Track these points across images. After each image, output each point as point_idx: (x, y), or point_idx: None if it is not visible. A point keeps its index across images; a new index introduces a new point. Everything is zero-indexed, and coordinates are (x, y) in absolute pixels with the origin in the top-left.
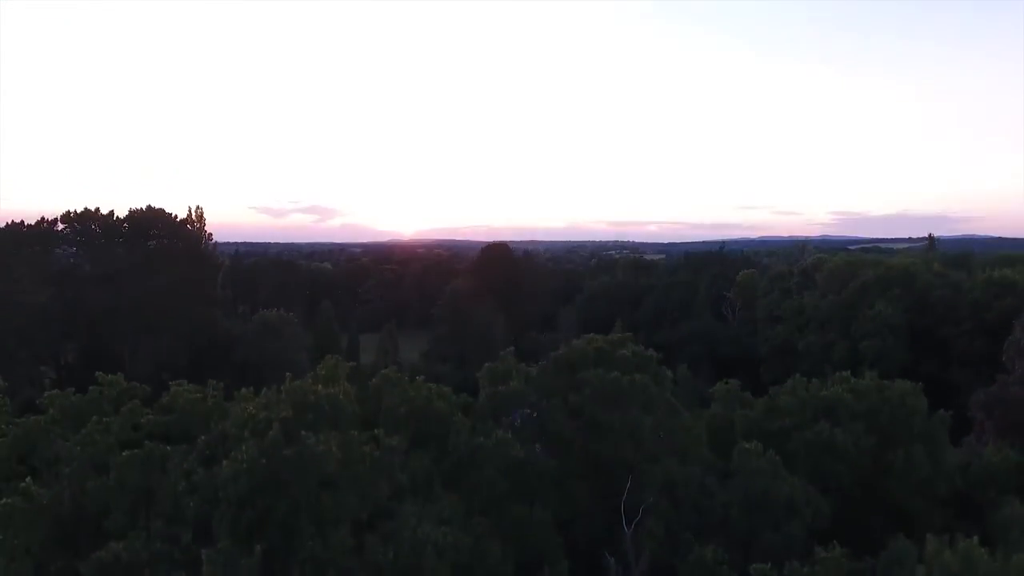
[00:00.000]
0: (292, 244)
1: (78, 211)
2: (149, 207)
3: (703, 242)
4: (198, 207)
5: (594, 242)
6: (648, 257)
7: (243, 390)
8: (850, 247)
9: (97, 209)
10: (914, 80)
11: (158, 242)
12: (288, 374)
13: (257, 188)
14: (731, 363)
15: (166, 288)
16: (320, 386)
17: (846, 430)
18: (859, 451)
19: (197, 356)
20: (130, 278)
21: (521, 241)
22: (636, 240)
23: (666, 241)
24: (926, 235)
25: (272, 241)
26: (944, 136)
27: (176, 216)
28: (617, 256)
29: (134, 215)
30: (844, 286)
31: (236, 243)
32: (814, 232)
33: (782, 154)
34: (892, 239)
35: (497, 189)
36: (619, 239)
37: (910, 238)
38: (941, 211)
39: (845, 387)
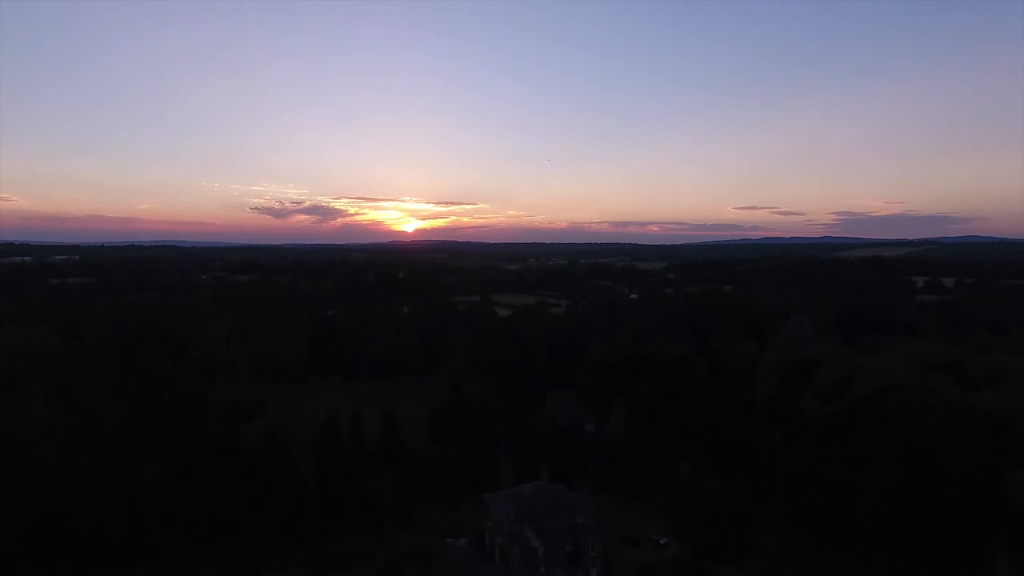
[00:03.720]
0: (294, 245)
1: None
2: (159, 323)
3: (705, 243)
4: (206, 315)
5: (595, 244)
6: (647, 267)
7: None
8: (851, 250)
9: (105, 327)
10: (917, 81)
11: (166, 359)
12: None
13: (260, 189)
14: (731, 453)
15: (173, 403)
16: None
17: None
18: None
19: (204, 464)
20: (138, 395)
21: (523, 243)
22: (638, 243)
23: (668, 243)
24: (927, 236)
25: (274, 244)
26: (947, 137)
27: (183, 328)
28: (618, 263)
29: (143, 335)
30: (841, 393)
31: (240, 246)
32: (816, 233)
33: (784, 155)
34: (894, 240)
35: (498, 190)
36: (620, 241)
37: (912, 240)
38: (943, 212)
39: None
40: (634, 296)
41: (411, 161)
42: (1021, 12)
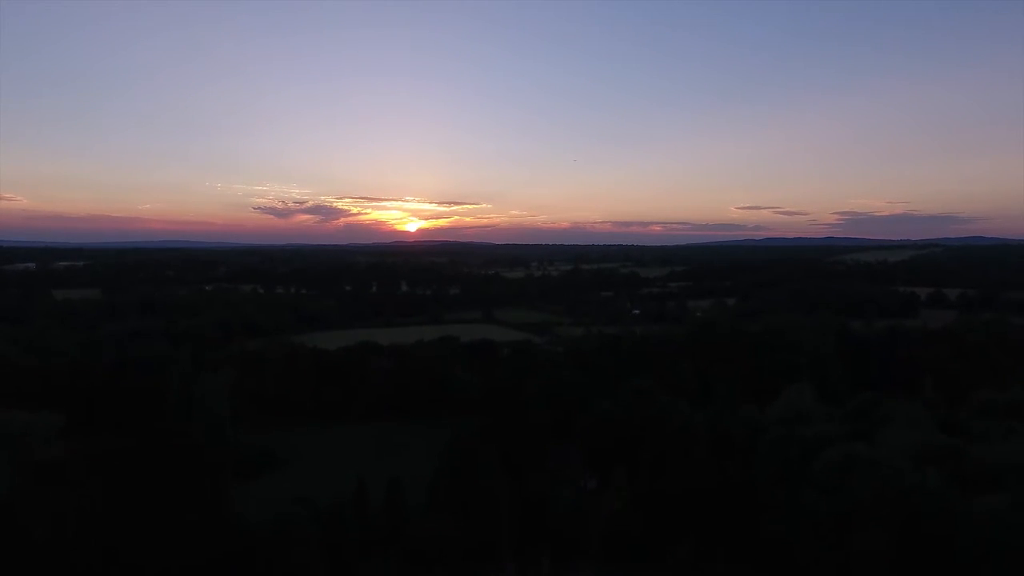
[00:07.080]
0: (297, 245)
1: (95, 447)
2: (165, 428)
3: (708, 244)
4: (216, 411)
5: (598, 245)
6: (648, 274)
7: None
8: (855, 253)
9: (113, 436)
10: (920, 80)
11: (171, 468)
12: None
13: (263, 189)
14: (734, 537)
15: (178, 509)
16: None
17: None
18: None
19: (207, 562)
20: (143, 506)
21: (525, 244)
22: (641, 243)
23: (671, 244)
24: (930, 237)
25: (277, 244)
26: (950, 137)
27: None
28: (621, 270)
29: (150, 441)
30: (840, 484)
31: (243, 246)
32: (819, 233)
33: (787, 154)
34: (897, 242)
35: (501, 190)
36: (623, 242)
37: (915, 242)
38: (947, 212)
39: None
40: (637, 311)
41: (414, 161)
42: (1023, 12)
